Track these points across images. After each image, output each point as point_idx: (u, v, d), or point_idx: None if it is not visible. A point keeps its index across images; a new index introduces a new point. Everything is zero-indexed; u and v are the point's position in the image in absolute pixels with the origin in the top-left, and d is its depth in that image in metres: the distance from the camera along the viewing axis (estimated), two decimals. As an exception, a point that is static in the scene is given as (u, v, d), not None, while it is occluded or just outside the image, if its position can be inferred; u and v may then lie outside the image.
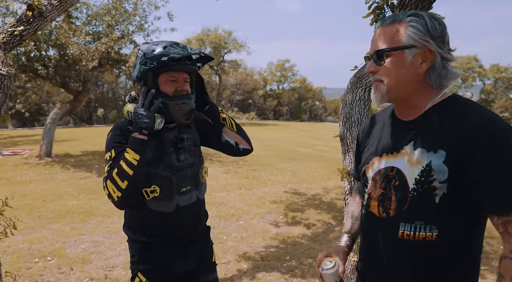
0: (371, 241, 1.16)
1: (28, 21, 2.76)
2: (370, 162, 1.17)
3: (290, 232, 4.65)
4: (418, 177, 1.02)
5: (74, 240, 4.20)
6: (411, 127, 1.08)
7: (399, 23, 1.04)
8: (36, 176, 7.55)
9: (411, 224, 1.04)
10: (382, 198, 1.10)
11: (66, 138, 13.65)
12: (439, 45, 1.01)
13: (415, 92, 1.07)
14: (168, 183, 1.57)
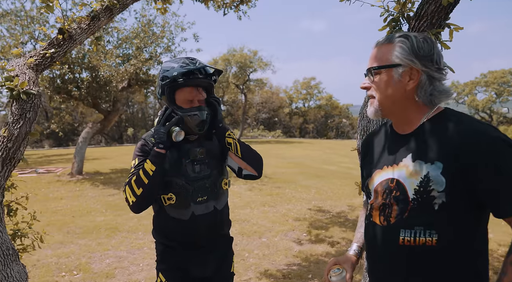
0: (374, 249, 1.20)
1: (59, 44, 2.93)
2: (372, 174, 1.23)
3: (313, 250, 4.56)
4: (417, 187, 1.07)
5: (99, 255, 4.29)
6: (408, 140, 1.14)
7: (390, 43, 1.13)
8: (67, 192, 7.82)
9: (411, 230, 1.09)
10: (383, 208, 1.16)
11: (97, 156, 14.12)
12: (425, 64, 1.09)
13: (406, 108, 1.14)
14: (184, 192, 1.68)
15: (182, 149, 1.72)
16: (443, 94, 1.12)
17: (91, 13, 3.10)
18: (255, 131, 31.68)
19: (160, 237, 1.80)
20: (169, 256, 1.78)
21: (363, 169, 1.34)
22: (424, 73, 1.10)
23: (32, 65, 2.75)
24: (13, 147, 2.38)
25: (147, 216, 5.95)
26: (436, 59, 1.10)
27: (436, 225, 1.06)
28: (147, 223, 5.48)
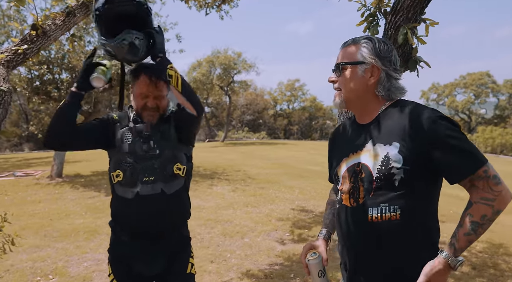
0: (346, 230, 1.31)
1: (32, 40, 2.85)
2: (340, 162, 1.37)
3: (295, 250, 4.54)
4: (379, 166, 1.21)
5: (77, 258, 4.18)
6: (369, 128, 1.30)
7: (356, 44, 1.30)
8: (46, 195, 7.62)
9: (377, 207, 1.22)
10: (352, 191, 1.29)
11: (78, 159, 13.84)
12: (385, 63, 1.27)
13: (368, 100, 1.31)
14: (130, 169, 1.68)
15: (131, 127, 1.75)
16: (399, 90, 1.30)
17: (66, 9, 3.02)
18: (239, 133, 31.63)
19: (111, 221, 1.81)
20: (115, 244, 1.78)
21: (332, 160, 1.47)
22: (383, 71, 1.27)
23: (3, 61, 2.65)
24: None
25: (128, 218, 5.84)
26: (394, 60, 1.29)
27: (398, 200, 1.20)
28: (128, 225, 5.38)
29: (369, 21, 2.07)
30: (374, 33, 2.02)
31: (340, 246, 1.39)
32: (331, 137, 1.53)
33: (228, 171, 10.85)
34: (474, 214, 1.15)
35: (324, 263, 1.40)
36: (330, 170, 1.50)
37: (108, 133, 1.76)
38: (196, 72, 23.15)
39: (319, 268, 1.38)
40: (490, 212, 1.14)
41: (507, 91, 34.30)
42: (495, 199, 1.14)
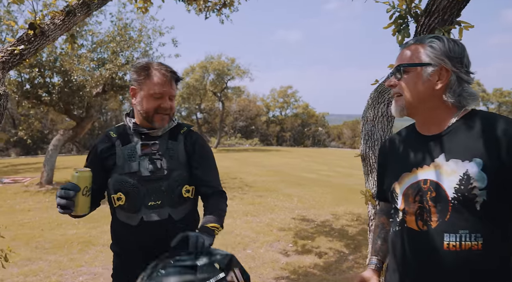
0: (410, 258, 1.13)
1: (29, 40, 2.66)
2: (399, 178, 1.18)
3: (301, 262, 4.38)
4: (457, 186, 1.04)
5: (71, 272, 3.94)
6: (439, 140, 1.12)
7: (420, 44, 1.14)
8: (36, 204, 7.33)
9: (455, 234, 1.04)
10: (420, 212, 1.11)
11: (68, 165, 13.49)
12: (456, 65, 1.09)
13: (434, 107, 1.13)
14: (134, 192, 1.47)
15: (137, 144, 1.54)
16: (471, 96, 1.12)
17: (66, 8, 2.84)
18: (232, 140, 31.43)
19: (113, 244, 1.62)
20: (119, 269, 1.59)
21: (383, 175, 1.29)
22: (454, 74, 1.10)
23: (-2, 62, 2.46)
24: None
25: (124, 228, 5.61)
26: (466, 62, 1.12)
27: (480, 227, 1.03)
28: (124, 236, 5.15)
29: (398, 23, 1.94)
30: (405, 37, 1.89)
31: (397, 276, 1.19)
32: (383, 149, 1.34)
33: (224, 178, 10.65)
34: None
35: None
36: (380, 186, 1.32)
37: (108, 162, 1.54)
38: (189, 78, 22.96)
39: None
40: None
41: (496, 100, 34.82)
42: None
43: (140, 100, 1.53)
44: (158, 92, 1.50)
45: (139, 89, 1.54)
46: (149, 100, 1.51)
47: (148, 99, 1.52)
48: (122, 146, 1.54)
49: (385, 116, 2.01)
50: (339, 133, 37.24)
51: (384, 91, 2.01)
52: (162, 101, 1.52)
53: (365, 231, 5.70)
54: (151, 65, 1.53)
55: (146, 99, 1.52)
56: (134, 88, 1.56)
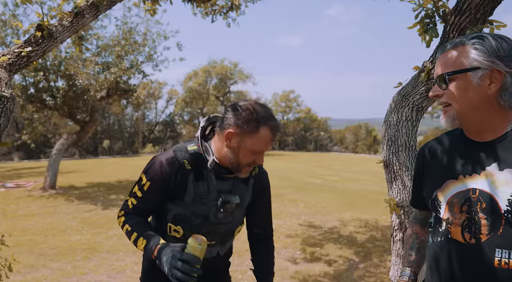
0: (455, 273, 1.03)
1: (37, 42, 2.59)
2: (443, 185, 1.09)
3: (310, 270, 4.26)
4: (511, 197, 0.95)
5: (76, 280, 3.85)
6: (492, 148, 1.03)
7: (462, 46, 1.03)
8: (39, 209, 7.25)
9: (509, 250, 0.95)
10: (467, 223, 1.02)
11: (71, 169, 13.42)
12: (508, 64, 0.99)
13: (489, 114, 1.03)
14: (195, 231, 1.41)
15: (213, 185, 1.43)
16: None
17: (74, 9, 2.77)
18: (235, 144, 31.37)
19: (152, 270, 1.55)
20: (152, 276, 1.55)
21: (421, 182, 1.20)
22: (508, 74, 0.99)
23: (5, 64, 2.38)
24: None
25: (128, 234, 5.51)
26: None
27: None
28: (128, 243, 5.03)
29: (424, 23, 1.85)
30: (432, 37, 1.80)
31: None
32: (422, 154, 1.24)
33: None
34: None
35: None
36: (416, 192, 1.24)
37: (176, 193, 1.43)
38: (192, 82, 22.96)
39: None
40: None
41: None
42: None
43: (236, 149, 1.39)
44: (260, 150, 1.40)
45: (241, 137, 1.38)
46: (247, 154, 1.39)
47: (246, 153, 1.39)
48: (195, 181, 1.42)
49: (410, 120, 1.91)
50: (341, 138, 37.13)
51: (408, 94, 1.92)
52: (259, 156, 1.42)
53: (375, 238, 5.59)
54: (262, 119, 1.37)
55: (244, 152, 1.39)
56: (233, 133, 1.37)
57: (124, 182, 10.63)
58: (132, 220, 1.44)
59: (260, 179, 1.57)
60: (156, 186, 1.41)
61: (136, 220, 1.44)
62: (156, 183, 1.41)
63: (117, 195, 8.71)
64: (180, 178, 1.40)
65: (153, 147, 27.22)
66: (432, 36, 1.79)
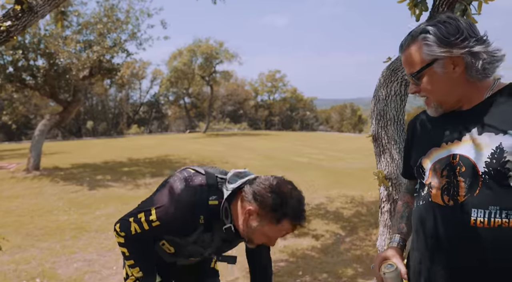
0: (433, 233, 1.08)
1: (16, 16, 2.49)
2: (428, 152, 1.13)
3: (298, 244, 4.37)
4: (488, 159, 0.99)
5: (65, 259, 3.85)
6: (471, 116, 1.07)
7: (414, 43, 1.07)
8: (23, 190, 7.16)
9: (484, 210, 0.99)
10: (447, 186, 1.06)
11: (54, 151, 13.19)
12: (461, 45, 1.02)
13: (464, 91, 1.08)
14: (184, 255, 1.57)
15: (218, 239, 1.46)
16: (495, 61, 1.05)
17: (55, -18, 2.66)
18: (221, 124, 31.26)
19: None
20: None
21: (410, 151, 1.25)
22: (467, 54, 1.02)
23: (-16, 39, 2.30)
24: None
25: (117, 214, 5.50)
26: (468, 33, 1.03)
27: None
28: (117, 221, 5.06)
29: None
30: (422, 10, 1.81)
31: (418, 254, 1.15)
32: (413, 123, 1.28)
33: (215, 163, 10.57)
34: None
35: (403, 276, 1.17)
36: (406, 163, 1.28)
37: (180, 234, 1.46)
38: (177, 62, 22.56)
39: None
40: None
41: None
42: None
43: (253, 228, 1.35)
44: (276, 237, 1.38)
45: (261, 220, 1.33)
46: (261, 236, 1.37)
47: (261, 235, 1.36)
48: (202, 232, 1.41)
49: (398, 95, 1.94)
50: (327, 117, 37.35)
51: (398, 69, 1.93)
52: (272, 241, 1.40)
53: (360, 213, 5.74)
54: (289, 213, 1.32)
55: (260, 234, 1.36)
56: (255, 212, 1.33)
57: (110, 163, 10.53)
58: (133, 248, 1.45)
59: None
60: (165, 227, 1.38)
61: (137, 248, 1.46)
62: (165, 225, 1.38)
63: (104, 175, 8.65)
64: (189, 228, 1.39)
65: (138, 127, 26.92)
66: (421, 9, 1.80)
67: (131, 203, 6.05)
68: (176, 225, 1.37)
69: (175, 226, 1.38)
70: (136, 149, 13.87)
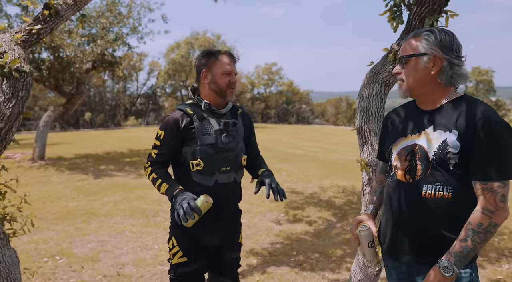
0: (396, 203, 1.43)
1: (45, 20, 2.78)
2: (396, 141, 1.49)
3: (293, 229, 4.74)
4: (436, 150, 1.33)
5: (80, 240, 4.20)
6: (432, 115, 1.40)
7: (418, 37, 1.39)
8: (31, 179, 7.46)
9: (432, 185, 1.34)
10: (409, 168, 1.41)
11: (56, 142, 13.46)
12: (446, 52, 1.34)
13: (431, 89, 1.39)
14: (211, 160, 1.85)
15: (215, 120, 1.90)
16: (461, 77, 1.38)
17: (77, -12, 2.96)
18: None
19: None
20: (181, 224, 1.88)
21: (385, 138, 1.60)
22: (445, 60, 1.34)
23: (19, 41, 2.61)
24: (4, 127, 2.30)
25: (123, 200, 5.85)
26: (456, 48, 1.36)
27: (452, 182, 1.32)
28: (124, 208, 5.40)
29: (393, 11, 2.19)
30: (399, 23, 2.14)
31: (384, 219, 1.52)
32: (388, 117, 1.62)
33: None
34: (472, 222, 1.27)
35: (374, 234, 1.54)
36: (380, 148, 1.63)
37: (188, 134, 1.87)
38: (174, 54, 22.73)
39: (369, 239, 1.53)
40: (487, 222, 1.25)
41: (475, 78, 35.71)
42: (495, 212, 1.25)
43: (213, 79, 1.91)
44: (228, 70, 1.89)
45: (211, 70, 1.91)
46: (221, 77, 1.90)
47: (220, 76, 1.90)
48: (199, 121, 1.86)
49: (379, 94, 2.28)
50: (322, 110, 37.59)
51: (379, 72, 2.27)
52: (231, 77, 1.92)
53: (351, 201, 6.12)
54: (216, 51, 1.94)
55: (219, 77, 1.90)
56: (205, 71, 1.91)
57: (112, 154, 10.84)
58: (157, 170, 1.89)
59: (245, 115, 2.07)
60: (169, 133, 1.87)
61: (160, 170, 1.89)
62: (168, 130, 1.88)
63: (107, 165, 8.97)
64: (187, 120, 1.87)
65: (135, 119, 27.10)
66: (398, 22, 2.13)
67: (136, 191, 6.40)
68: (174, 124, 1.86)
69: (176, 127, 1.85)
70: (135, 140, 14.16)
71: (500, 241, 4.48)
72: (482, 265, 3.72)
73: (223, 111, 1.95)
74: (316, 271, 3.53)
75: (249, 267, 3.58)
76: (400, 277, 1.51)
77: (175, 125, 1.86)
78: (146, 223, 4.80)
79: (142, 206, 5.52)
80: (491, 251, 4.12)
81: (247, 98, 35.70)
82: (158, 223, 4.82)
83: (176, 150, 1.89)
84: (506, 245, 4.35)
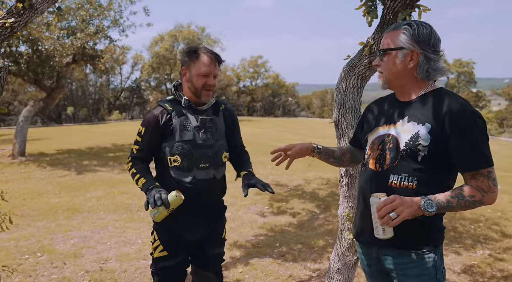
0: (366, 190, 1.49)
1: (19, 13, 2.73)
2: (372, 130, 1.54)
3: (276, 221, 4.79)
4: (407, 141, 1.37)
5: (62, 236, 4.16)
6: (407, 106, 1.45)
7: (397, 30, 1.41)
8: (12, 175, 7.32)
9: (398, 175, 1.39)
10: (379, 157, 1.46)
11: (37, 137, 13.18)
12: (423, 47, 1.36)
13: (407, 82, 1.44)
14: (189, 156, 1.86)
15: (194, 117, 1.90)
16: (437, 71, 1.41)
17: (52, -19, 2.89)
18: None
19: None
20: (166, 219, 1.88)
21: (362, 127, 1.66)
22: (422, 55, 1.37)
23: (-8, 35, 2.54)
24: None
25: (107, 196, 5.80)
26: (433, 43, 1.38)
27: (417, 174, 1.36)
28: (108, 203, 5.36)
29: (368, 5, 2.22)
30: (373, 18, 2.17)
31: (359, 202, 1.58)
32: (369, 107, 1.67)
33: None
34: (465, 190, 1.31)
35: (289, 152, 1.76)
36: (355, 134, 1.71)
37: (167, 130, 1.88)
38: (158, 47, 22.43)
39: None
40: (479, 197, 1.30)
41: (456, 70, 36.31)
42: (488, 193, 1.30)
43: (190, 78, 1.89)
44: (205, 72, 1.86)
45: (190, 69, 1.89)
46: (198, 78, 1.87)
47: (197, 77, 1.87)
48: (177, 117, 1.87)
49: (356, 87, 2.31)
50: (308, 103, 37.78)
51: (355, 65, 2.30)
52: (208, 79, 1.88)
53: (334, 193, 6.20)
54: (199, 50, 1.90)
55: (196, 78, 1.87)
56: (185, 68, 1.91)
57: (95, 149, 10.70)
58: (137, 165, 1.91)
59: (228, 111, 2.06)
60: (150, 129, 1.89)
61: (140, 166, 1.91)
62: (148, 126, 1.89)
63: (90, 160, 8.86)
64: (166, 117, 1.88)
65: (119, 114, 26.74)
66: (373, 17, 2.16)
67: (120, 186, 6.35)
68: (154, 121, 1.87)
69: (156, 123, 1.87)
70: (119, 134, 13.99)
71: (476, 228, 4.63)
72: (458, 251, 3.85)
73: (203, 108, 1.95)
74: (299, 261, 3.59)
75: (232, 259, 3.61)
76: (370, 263, 1.58)
77: (154, 121, 1.88)
78: (130, 218, 4.78)
79: (126, 201, 5.49)
80: (467, 238, 4.25)
81: (233, 92, 35.54)
82: (142, 217, 4.81)
83: (156, 146, 1.91)
84: (482, 232, 4.50)
